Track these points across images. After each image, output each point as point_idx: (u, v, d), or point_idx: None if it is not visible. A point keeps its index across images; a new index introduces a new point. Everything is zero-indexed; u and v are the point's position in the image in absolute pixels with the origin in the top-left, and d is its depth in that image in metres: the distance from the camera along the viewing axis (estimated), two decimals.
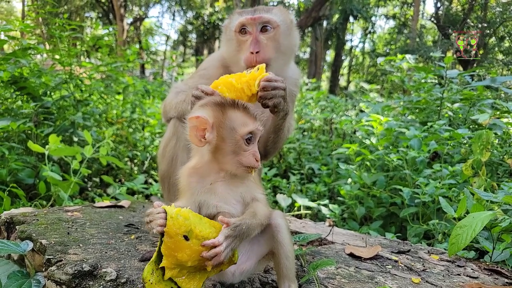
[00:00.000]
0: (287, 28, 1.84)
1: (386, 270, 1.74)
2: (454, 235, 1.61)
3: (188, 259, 1.14)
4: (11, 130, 3.31)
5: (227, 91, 1.43)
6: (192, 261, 1.15)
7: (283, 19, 1.83)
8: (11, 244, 1.57)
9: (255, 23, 1.74)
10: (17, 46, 4.15)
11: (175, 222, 1.13)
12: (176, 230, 1.13)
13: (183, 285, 1.19)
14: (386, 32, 29.09)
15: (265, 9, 1.81)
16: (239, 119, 1.30)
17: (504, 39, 21.05)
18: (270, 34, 1.76)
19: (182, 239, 1.14)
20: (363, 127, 4.64)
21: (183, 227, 1.14)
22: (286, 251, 1.35)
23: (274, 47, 1.76)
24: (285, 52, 1.84)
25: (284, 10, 1.88)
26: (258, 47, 1.71)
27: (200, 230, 1.16)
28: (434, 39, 25.37)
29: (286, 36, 1.82)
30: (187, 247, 1.14)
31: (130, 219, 2.22)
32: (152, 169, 5.04)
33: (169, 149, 1.85)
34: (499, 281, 1.75)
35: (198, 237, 1.15)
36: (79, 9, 27.10)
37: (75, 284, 1.37)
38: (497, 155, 3.85)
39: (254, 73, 1.44)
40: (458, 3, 23.25)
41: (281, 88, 1.48)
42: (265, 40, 1.75)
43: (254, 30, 1.75)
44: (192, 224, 1.16)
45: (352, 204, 3.65)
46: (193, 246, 1.14)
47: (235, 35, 1.80)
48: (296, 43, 1.93)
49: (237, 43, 1.79)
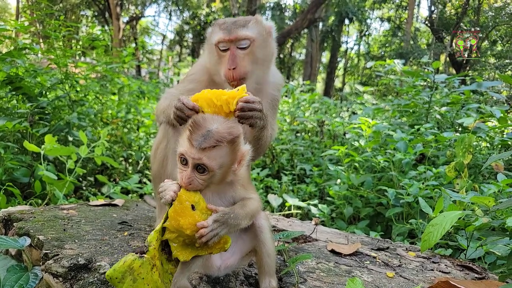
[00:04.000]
0: (263, 40, 1.91)
1: (363, 265, 1.86)
2: (426, 233, 1.73)
3: (188, 227, 1.25)
4: (7, 130, 3.38)
5: (206, 107, 1.56)
6: (190, 230, 1.26)
7: (259, 31, 1.90)
8: (10, 240, 1.67)
9: (232, 39, 1.84)
10: (13, 46, 4.21)
11: (187, 194, 1.29)
12: (187, 197, 1.28)
13: (174, 251, 1.29)
14: (381, 34, 29.33)
15: (242, 23, 1.87)
16: (182, 140, 1.37)
17: (497, 43, 21.31)
18: (246, 50, 1.85)
19: (189, 207, 1.27)
20: (353, 129, 4.76)
21: (193, 196, 1.29)
22: (267, 249, 1.48)
23: (250, 60, 1.86)
24: (263, 62, 1.93)
25: (259, 22, 1.95)
26: (235, 63, 1.81)
27: (206, 205, 1.31)
28: (428, 42, 25.63)
29: (262, 48, 1.91)
30: (191, 215, 1.26)
31: (124, 217, 2.32)
32: (146, 168, 5.12)
33: (160, 151, 1.96)
34: (469, 276, 1.88)
35: (202, 210, 1.30)
36: (74, 8, 27.03)
37: (71, 276, 1.47)
38: (481, 158, 4.00)
39: (234, 93, 1.57)
40: (451, 7, 23.52)
41: (258, 110, 1.59)
42: (242, 55, 1.84)
43: (232, 47, 1.85)
44: (201, 198, 1.31)
45: (340, 204, 3.77)
46: (196, 216, 1.27)
47: (215, 49, 1.89)
48: (272, 52, 2.01)
49: (217, 56, 1.89)
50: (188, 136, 1.32)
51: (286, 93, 7.82)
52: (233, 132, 1.35)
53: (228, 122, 1.39)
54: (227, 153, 1.33)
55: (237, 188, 1.46)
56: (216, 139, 1.30)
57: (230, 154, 1.35)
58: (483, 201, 1.85)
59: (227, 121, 1.41)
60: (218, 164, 1.31)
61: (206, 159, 1.29)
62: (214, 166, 1.30)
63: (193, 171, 1.31)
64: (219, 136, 1.31)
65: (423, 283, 1.71)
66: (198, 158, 1.29)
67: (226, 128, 1.34)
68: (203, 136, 1.30)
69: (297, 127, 6.71)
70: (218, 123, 1.36)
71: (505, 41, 20.57)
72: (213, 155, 1.30)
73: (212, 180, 1.34)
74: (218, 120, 1.38)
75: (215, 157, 1.30)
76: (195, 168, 1.31)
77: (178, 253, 1.29)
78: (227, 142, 1.32)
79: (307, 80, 15.27)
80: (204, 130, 1.31)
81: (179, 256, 1.29)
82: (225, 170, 1.35)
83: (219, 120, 1.38)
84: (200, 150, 1.28)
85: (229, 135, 1.33)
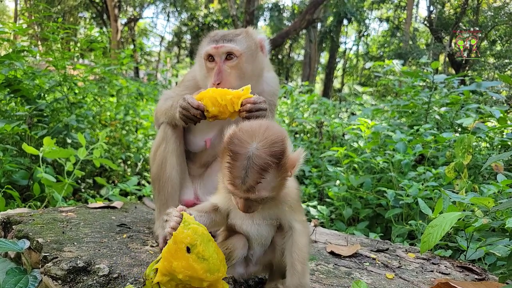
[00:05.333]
0: (251, 55, 1.88)
1: (363, 267, 1.86)
2: (426, 234, 1.73)
3: (181, 271, 1.15)
4: (5, 132, 3.37)
5: (211, 106, 1.58)
6: (183, 275, 1.15)
7: (248, 45, 1.87)
8: (9, 242, 1.66)
9: (219, 52, 1.81)
10: (11, 49, 4.21)
11: (185, 233, 1.17)
12: (182, 238, 1.16)
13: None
14: (380, 35, 29.36)
15: (230, 37, 1.84)
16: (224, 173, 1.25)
17: (496, 43, 21.35)
18: (233, 63, 1.82)
19: (184, 249, 1.16)
20: (352, 130, 4.76)
21: (189, 238, 1.17)
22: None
23: (237, 74, 1.84)
24: (251, 76, 1.89)
25: (250, 36, 1.91)
26: (220, 78, 1.79)
27: (203, 249, 1.18)
28: (427, 42, 25.66)
29: (250, 62, 1.87)
30: (185, 258, 1.16)
31: (123, 219, 2.31)
32: (145, 170, 5.11)
33: (159, 153, 1.95)
34: (469, 277, 1.88)
35: (198, 254, 1.17)
36: (72, 9, 27.00)
37: (70, 279, 1.47)
38: (481, 159, 4.00)
39: (238, 92, 1.57)
40: (450, 6, 23.55)
41: (263, 109, 1.60)
42: (228, 69, 1.82)
43: (219, 60, 1.83)
44: (198, 240, 1.18)
45: (339, 205, 3.76)
46: (191, 260, 1.16)
47: (204, 62, 1.88)
48: (261, 66, 1.97)
49: (206, 69, 1.88)
50: (229, 176, 1.19)
51: (284, 94, 7.83)
52: (276, 152, 1.18)
53: (269, 133, 1.20)
54: (275, 175, 1.20)
55: (283, 208, 1.36)
56: (260, 168, 1.15)
57: (280, 173, 1.22)
58: (483, 202, 1.85)
59: (267, 129, 1.22)
60: (269, 191, 1.21)
61: (254, 195, 1.19)
62: (265, 195, 1.21)
63: (247, 200, 1.23)
64: (262, 164, 1.16)
65: (423, 284, 1.70)
66: (244, 196, 1.20)
67: (269, 148, 1.18)
68: (244, 171, 1.15)
69: (296, 128, 6.71)
70: (258, 140, 1.18)
71: (504, 41, 20.60)
72: (259, 187, 1.18)
73: (270, 200, 1.26)
74: (258, 134, 1.20)
75: (262, 188, 1.19)
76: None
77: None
78: (271, 168, 1.17)
79: (305, 81, 15.28)
80: (244, 160, 1.16)
81: None
82: (280, 186, 1.26)
83: (258, 135, 1.20)
84: (245, 191, 1.18)
85: (273, 158, 1.17)
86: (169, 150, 1.92)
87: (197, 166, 2.17)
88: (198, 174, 2.18)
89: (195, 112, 1.63)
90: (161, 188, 1.94)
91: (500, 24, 19.94)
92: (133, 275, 1.49)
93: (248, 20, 15.42)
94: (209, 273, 1.18)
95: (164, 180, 1.93)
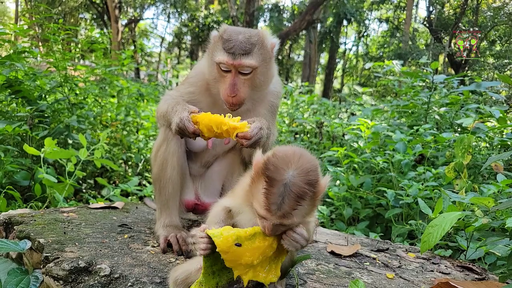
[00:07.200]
0: (266, 66, 1.85)
1: (363, 266, 1.87)
2: (426, 234, 1.73)
3: (252, 259, 1.24)
4: (6, 133, 3.38)
5: (207, 132, 1.63)
6: (256, 259, 1.24)
7: (263, 58, 1.82)
8: (11, 243, 1.67)
9: (235, 67, 1.78)
10: (12, 50, 4.22)
11: (223, 239, 1.22)
12: (227, 244, 1.22)
13: (265, 280, 1.28)
14: (380, 35, 29.38)
15: (247, 48, 1.77)
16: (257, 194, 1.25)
17: (495, 43, 21.36)
18: (248, 76, 1.80)
19: (236, 248, 1.23)
20: (352, 130, 4.77)
21: (230, 239, 1.23)
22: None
23: (250, 85, 1.82)
24: (262, 84, 1.87)
25: (264, 45, 1.84)
26: (235, 91, 1.78)
27: (244, 231, 1.26)
28: (427, 43, 25.68)
29: (264, 73, 1.85)
30: (244, 251, 1.23)
31: (124, 219, 2.32)
32: (146, 171, 5.12)
33: (160, 153, 1.96)
34: (469, 277, 1.88)
35: (248, 238, 1.25)
36: (73, 11, 27.04)
37: (72, 279, 1.48)
38: (481, 159, 4.01)
39: (234, 125, 1.59)
40: (450, 7, 23.57)
41: (261, 138, 1.60)
42: (242, 81, 1.80)
43: (234, 72, 1.79)
44: (236, 232, 1.25)
45: (340, 205, 3.77)
46: (248, 247, 1.24)
47: (216, 67, 1.83)
48: (273, 74, 1.95)
49: (218, 74, 1.84)
50: (264, 201, 1.19)
51: (285, 94, 7.83)
52: (312, 181, 1.19)
53: (304, 165, 1.20)
54: (310, 202, 1.21)
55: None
56: (297, 196, 1.16)
57: (313, 199, 1.23)
58: (483, 201, 1.85)
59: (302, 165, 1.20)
60: (301, 217, 1.22)
61: (287, 221, 1.19)
62: (298, 221, 1.22)
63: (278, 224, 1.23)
64: (299, 192, 1.16)
65: (423, 284, 1.71)
66: (278, 222, 1.20)
67: (305, 176, 1.18)
68: (280, 197, 1.16)
69: (296, 128, 6.72)
70: (294, 168, 1.19)
71: (504, 41, 20.61)
72: (293, 213, 1.19)
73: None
74: (293, 162, 1.20)
75: (296, 214, 1.19)
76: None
77: (269, 278, 1.29)
78: (308, 195, 1.18)
79: (305, 81, 15.29)
80: (281, 187, 1.16)
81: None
82: (310, 213, 1.27)
83: (294, 163, 1.20)
84: (280, 217, 1.18)
85: (309, 186, 1.18)
86: (170, 151, 1.93)
87: (198, 166, 2.18)
88: (199, 174, 2.19)
89: (190, 135, 1.67)
90: (162, 188, 1.95)
91: (500, 24, 19.96)
92: (134, 275, 1.50)
93: (248, 21, 15.45)
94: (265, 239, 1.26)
95: (165, 181, 1.94)
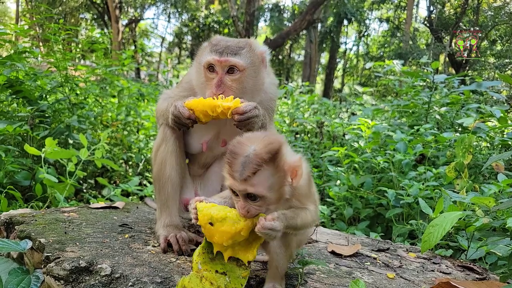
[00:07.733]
0: (255, 70, 1.83)
1: (364, 266, 1.86)
2: (426, 233, 1.73)
3: (222, 240, 1.32)
4: (7, 133, 3.38)
5: (203, 118, 1.64)
6: (225, 241, 1.32)
7: (251, 61, 1.81)
8: (11, 242, 1.67)
9: (222, 65, 1.76)
10: (13, 50, 4.23)
11: (202, 215, 1.35)
12: (203, 221, 1.35)
13: (244, 257, 1.39)
14: (380, 35, 29.36)
15: (234, 49, 1.77)
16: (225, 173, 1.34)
17: (496, 43, 21.35)
18: (235, 76, 1.78)
19: (210, 226, 1.34)
20: (352, 130, 4.77)
21: (206, 217, 1.35)
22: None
23: (238, 88, 1.79)
24: (252, 89, 1.85)
25: (253, 50, 1.84)
26: (221, 89, 1.75)
27: (217, 214, 1.34)
28: (427, 42, 25.66)
29: (252, 77, 1.83)
30: (215, 231, 1.33)
31: (124, 219, 2.32)
32: (146, 171, 5.13)
33: (159, 153, 1.96)
34: (470, 276, 1.88)
35: (218, 220, 1.33)
36: (74, 11, 27.07)
37: (73, 279, 1.48)
38: (481, 158, 4.00)
39: (228, 105, 1.59)
40: (450, 6, 23.55)
41: (255, 116, 1.60)
42: (229, 82, 1.78)
43: (220, 71, 1.77)
44: (211, 212, 1.35)
45: (340, 205, 3.77)
46: (218, 229, 1.32)
47: (203, 70, 1.82)
48: (263, 81, 1.92)
49: (205, 77, 1.83)
50: (228, 170, 1.29)
51: (285, 94, 7.83)
52: (271, 149, 1.27)
53: (267, 138, 1.30)
54: (271, 173, 1.27)
55: (292, 202, 1.40)
56: (255, 164, 1.24)
57: (276, 172, 1.28)
58: (484, 201, 1.85)
59: (265, 136, 1.32)
60: (266, 188, 1.27)
61: (251, 188, 1.25)
62: (262, 191, 1.26)
63: (246, 200, 1.30)
64: (257, 160, 1.24)
65: (423, 284, 1.71)
66: (243, 189, 1.27)
67: (264, 147, 1.26)
68: (242, 164, 1.25)
69: (296, 128, 6.71)
70: (256, 143, 1.28)
71: (504, 41, 20.60)
72: (256, 182, 1.25)
73: (269, 202, 1.31)
74: (256, 139, 1.30)
75: (259, 182, 1.25)
76: (247, 197, 1.29)
77: (246, 256, 1.38)
78: (266, 163, 1.25)
79: (306, 81, 15.29)
80: (242, 157, 1.26)
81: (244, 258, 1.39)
82: (278, 189, 1.30)
83: (256, 140, 1.30)
84: (242, 181, 1.25)
85: (267, 154, 1.26)
86: (168, 150, 1.93)
87: (197, 167, 2.19)
88: (198, 174, 2.20)
89: (186, 121, 1.67)
90: (162, 187, 1.95)
91: (500, 23, 19.94)
92: (135, 275, 1.50)
93: (249, 21, 15.45)
94: (233, 226, 1.32)
95: (164, 180, 1.94)
